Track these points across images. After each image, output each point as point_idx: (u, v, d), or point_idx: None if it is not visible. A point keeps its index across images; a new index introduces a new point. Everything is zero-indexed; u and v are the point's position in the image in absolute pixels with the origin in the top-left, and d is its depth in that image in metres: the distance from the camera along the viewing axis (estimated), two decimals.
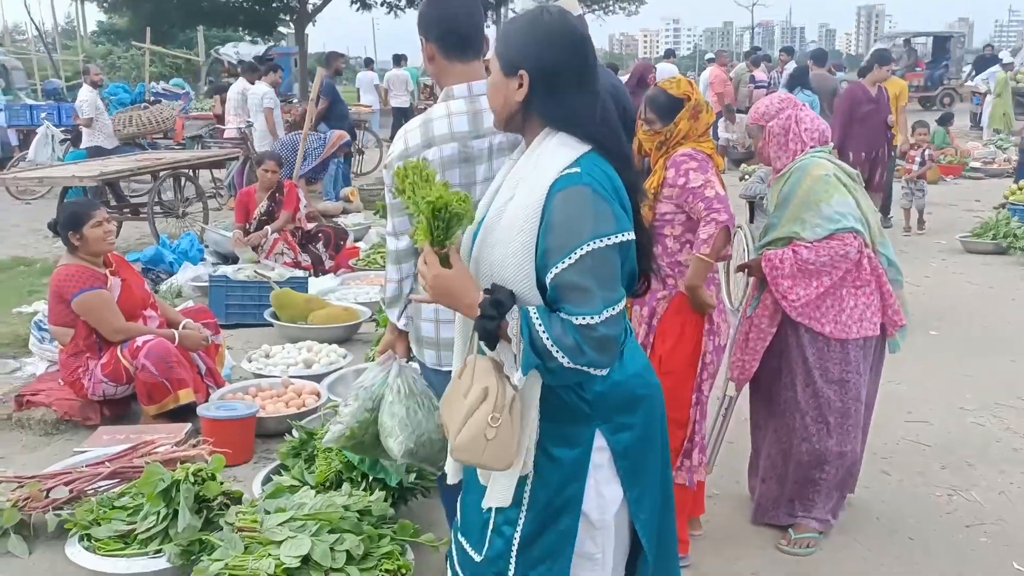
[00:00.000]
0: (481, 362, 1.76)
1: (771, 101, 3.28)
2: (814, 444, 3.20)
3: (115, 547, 2.91)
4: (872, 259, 3.15)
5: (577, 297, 1.65)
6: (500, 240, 1.75)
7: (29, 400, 4.24)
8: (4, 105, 14.56)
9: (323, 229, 7.48)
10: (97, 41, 34.90)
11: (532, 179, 1.74)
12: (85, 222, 4.16)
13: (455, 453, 1.73)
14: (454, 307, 1.79)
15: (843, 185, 3.11)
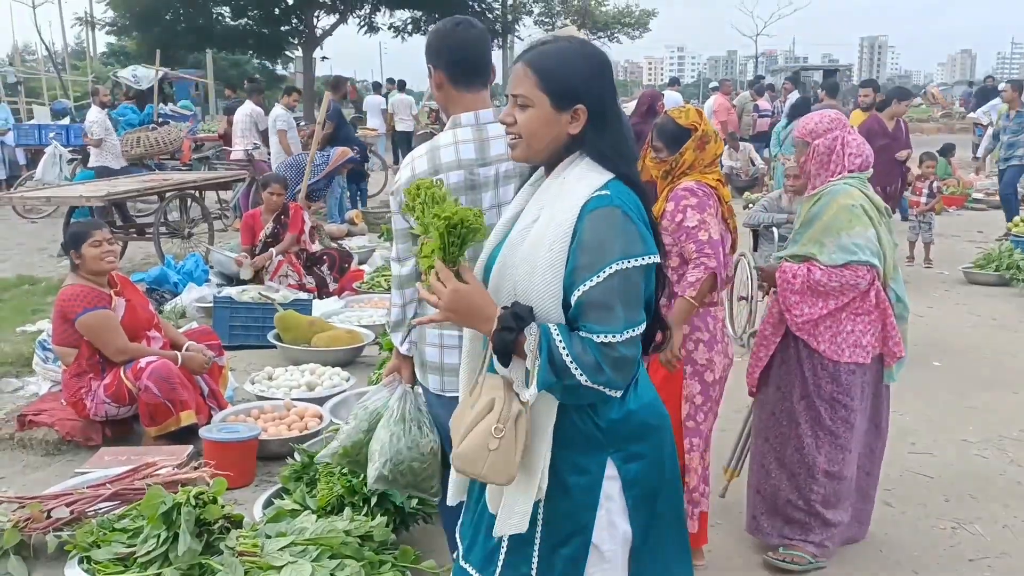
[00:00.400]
0: (491, 379, 1.77)
1: (821, 119, 3.31)
2: (804, 455, 3.24)
3: (115, 570, 2.89)
4: (880, 292, 3.19)
5: (600, 315, 1.67)
6: (525, 258, 1.74)
7: (31, 420, 4.24)
8: (13, 124, 14.65)
9: (328, 252, 7.50)
10: (107, 63, 35.16)
11: (560, 200, 1.76)
12: (84, 241, 4.18)
13: (456, 461, 1.72)
14: (470, 323, 1.75)
15: (868, 217, 3.15)
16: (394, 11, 23.83)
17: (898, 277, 3.30)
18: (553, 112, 1.78)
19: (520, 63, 1.82)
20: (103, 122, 10.53)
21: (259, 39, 24.24)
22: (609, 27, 38.23)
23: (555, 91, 1.77)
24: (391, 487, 2.49)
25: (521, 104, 1.80)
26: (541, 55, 1.81)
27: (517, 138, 1.83)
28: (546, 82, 1.77)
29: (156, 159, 12.57)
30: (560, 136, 1.80)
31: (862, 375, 3.23)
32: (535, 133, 1.80)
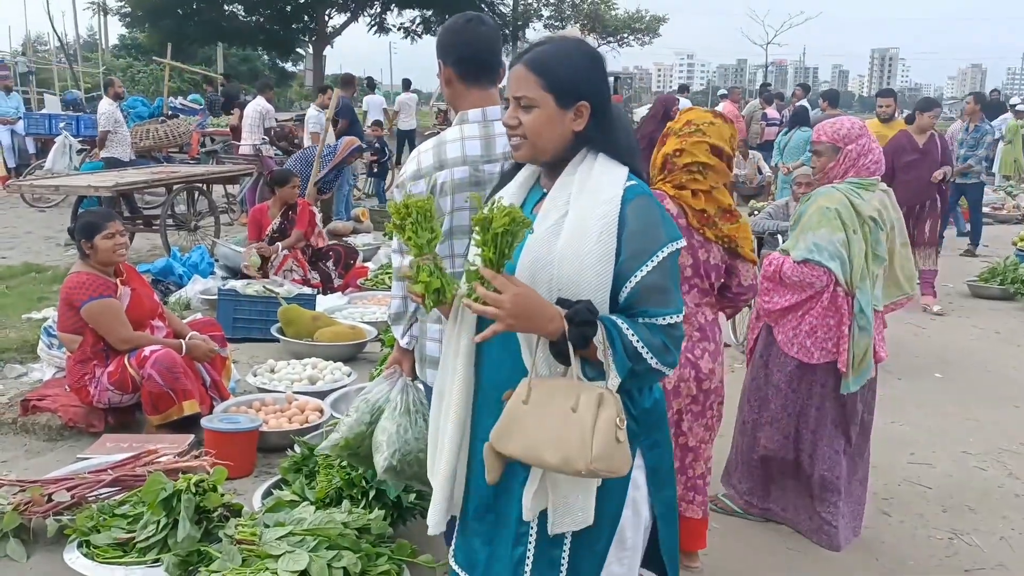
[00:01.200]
0: (554, 380, 1.72)
1: (852, 125, 3.48)
2: (748, 427, 3.62)
3: (114, 555, 2.92)
4: (837, 297, 3.35)
5: (660, 298, 1.74)
6: (568, 253, 1.73)
7: (35, 405, 4.26)
8: (24, 113, 14.70)
9: (333, 247, 7.53)
10: (118, 55, 35.28)
11: (592, 194, 1.77)
12: (98, 232, 4.21)
13: (596, 463, 1.60)
14: (534, 326, 1.69)
15: (841, 221, 3.30)
16: (403, 10, 23.91)
17: (864, 288, 3.36)
18: (558, 111, 1.80)
19: (520, 65, 1.83)
20: (111, 114, 10.56)
21: (270, 36, 24.34)
22: (619, 32, 38.24)
23: (559, 90, 1.79)
24: (398, 478, 2.48)
25: (525, 105, 1.81)
26: (541, 55, 1.83)
27: (522, 139, 1.83)
28: (549, 81, 1.79)
29: (165, 152, 12.62)
30: (565, 134, 1.82)
31: (811, 374, 3.42)
32: (541, 133, 1.81)
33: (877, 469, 4.24)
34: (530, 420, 1.67)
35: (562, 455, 1.62)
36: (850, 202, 3.34)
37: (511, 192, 1.94)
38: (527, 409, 1.68)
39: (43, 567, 3.07)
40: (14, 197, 11.75)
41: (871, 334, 3.37)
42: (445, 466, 1.88)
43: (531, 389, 1.70)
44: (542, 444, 1.65)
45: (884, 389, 5.39)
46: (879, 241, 3.38)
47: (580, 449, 1.61)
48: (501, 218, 1.65)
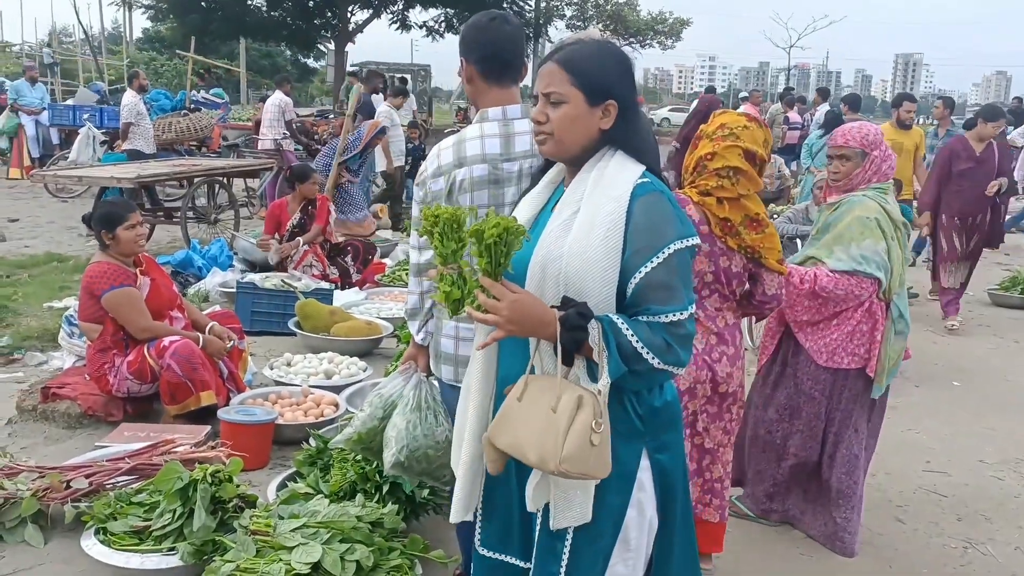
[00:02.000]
0: (546, 379, 1.74)
1: (876, 130, 3.48)
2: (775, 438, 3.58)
3: (130, 542, 2.95)
4: (876, 305, 3.35)
5: (664, 295, 1.73)
6: (575, 250, 1.75)
7: (55, 393, 4.31)
8: (48, 104, 14.85)
9: (351, 242, 7.56)
10: (142, 48, 35.55)
11: (603, 190, 1.79)
12: (119, 223, 4.24)
13: (565, 464, 1.63)
14: (531, 331, 1.72)
15: (881, 230, 3.30)
16: (427, 8, 23.93)
17: (903, 293, 3.42)
18: (587, 108, 1.82)
19: (551, 62, 1.85)
20: (134, 106, 10.66)
21: (292, 31, 24.44)
22: (641, 33, 38.14)
23: (589, 87, 1.82)
24: (406, 474, 2.51)
25: (555, 101, 1.83)
26: (573, 54, 1.85)
27: (548, 135, 1.85)
28: (580, 79, 1.81)
29: (186, 145, 12.71)
30: (592, 131, 1.84)
31: (843, 379, 3.41)
32: (569, 129, 1.83)
33: (892, 476, 4.23)
34: (519, 417, 1.71)
35: (539, 454, 1.66)
36: (884, 209, 3.35)
37: (537, 191, 1.97)
38: (519, 406, 1.72)
39: (60, 553, 3.11)
40: (38, 187, 11.89)
41: (906, 338, 3.42)
42: (467, 456, 1.91)
43: (526, 387, 1.73)
44: (525, 441, 1.69)
45: (901, 397, 5.38)
46: (905, 244, 3.44)
47: (553, 449, 1.64)
48: (491, 229, 1.66)
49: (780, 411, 3.57)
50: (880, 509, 3.89)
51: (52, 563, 3.07)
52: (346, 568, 2.67)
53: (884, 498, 4.01)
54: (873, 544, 3.57)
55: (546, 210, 1.93)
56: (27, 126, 14.09)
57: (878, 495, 4.02)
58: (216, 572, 2.66)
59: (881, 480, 4.19)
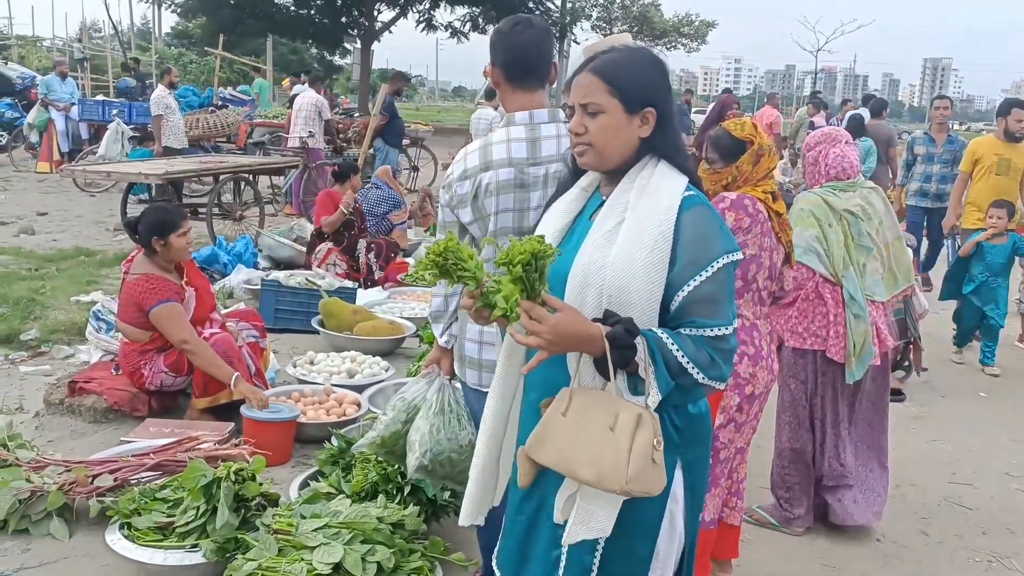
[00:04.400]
0: (593, 394, 1.72)
1: (817, 135, 3.77)
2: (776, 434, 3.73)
3: (153, 538, 2.97)
4: (824, 286, 3.51)
5: (709, 310, 1.72)
6: (621, 262, 1.72)
7: (81, 387, 4.35)
8: (78, 99, 15.01)
9: (375, 241, 7.59)
10: (170, 44, 35.86)
11: (650, 201, 1.77)
12: (173, 231, 4.23)
13: (631, 484, 1.61)
14: (574, 349, 1.70)
15: (815, 218, 3.51)
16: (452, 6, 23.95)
17: (850, 275, 3.50)
18: (625, 117, 1.80)
19: (586, 73, 1.83)
20: (162, 99, 10.76)
21: (319, 29, 24.54)
22: (667, 35, 38.01)
23: (627, 96, 1.79)
24: (429, 477, 2.51)
25: (592, 112, 1.80)
26: (608, 63, 1.82)
27: (587, 146, 1.82)
28: (617, 88, 1.79)
29: (213, 141, 12.81)
30: (632, 140, 1.82)
31: (813, 363, 3.56)
32: (609, 139, 1.81)
33: (917, 488, 4.19)
34: (566, 432, 1.68)
35: (596, 472, 1.63)
36: (824, 201, 3.55)
37: (570, 199, 1.94)
38: (564, 420, 1.69)
39: (85, 547, 3.14)
40: (66, 181, 12.02)
41: (867, 321, 3.48)
42: (479, 459, 1.92)
43: (571, 400, 1.70)
44: (577, 458, 1.66)
45: (926, 408, 5.34)
46: (861, 232, 3.53)
47: (615, 469, 1.62)
48: (521, 256, 1.63)
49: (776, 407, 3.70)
50: (904, 521, 3.85)
51: (77, 557, 3.09)
52: (367, 569, 2.69)
53: (908, 510, 3.97)
54: (897, 556, 3.54)
55: (582, 218, 1.91)
56: (57, 121, 14.25)
57: (902, 507, 3.99)
58: (238, 570, 2.68)
59: (906, 492, 4.15)
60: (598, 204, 1.90)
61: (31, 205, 11.04)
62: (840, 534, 3.68)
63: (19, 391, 4.68)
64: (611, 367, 1.66)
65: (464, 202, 2.42)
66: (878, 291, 3.57)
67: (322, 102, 11.43)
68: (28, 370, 5.03)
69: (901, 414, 5.24)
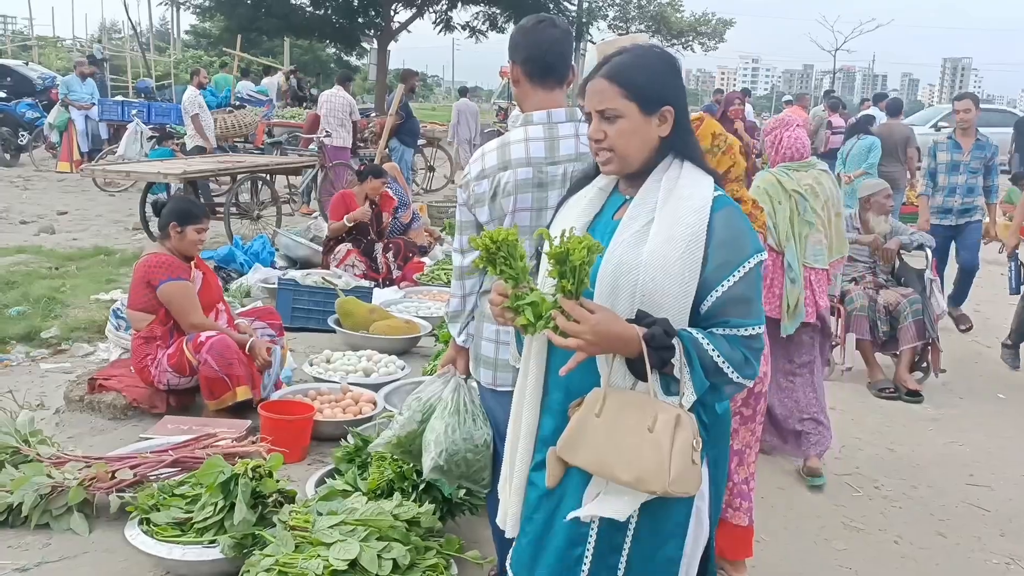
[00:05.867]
0: (632, 394, 1.72)
1: (773, 120, 4.18)
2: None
3: (172, 533, 3.00)
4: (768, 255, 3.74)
5: (742, 309, 1.74)
6: (654, 262, 1.72)
7: (101, 384, 4.39)
8: (98, 99, 15.14)
9: (393, 240, 7.61)
10: (189, 44, 36.07)
11: (679, 201, 1.77)
12: (192, 222, 4.35)
13: (673, 486, 1.62)
14: (611, 350, 1.69)
15: (767, 195, 3.82)
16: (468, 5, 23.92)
17: (791, 246, 3.79)
18: (643, 118, 1.80)
19: (598, 79, 1.83)
20: (194, 98, 10.87)
21: (336, 29, 24.59)
22: (684, 34, 37.87)
23: (642, 97, 1.80)
24: (445, 477, 2.51)
25: (609, 117, 1.80)
26: (619, 66, 1.82)
27: (609, 152, 1.82)
28: (631, 90, 1.79)
29: (231, 141, 12.89)
30: (652, 141, 1.82)
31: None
32: (629, 143, 1.81)
33: (934, 489, 4.17)
34: (602, 434, 1.68)
35: (636, 474, 1.64)
36: (777, 180, 3.87)
37: (589, 199, 1.93)
38: (599, 422, 1.68)
39: (104, 542, 3.17)
40: (86, 181, 12.12)
41: (801, 286, 3.78)
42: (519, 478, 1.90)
43: (605, 402, 1.69)
44: (614, 460, 1.66)
45: (944, 409, 5.31)
46: (807, 209, 3.84)
47: (656, 471, 1.62)
48: (580, 251, 1.61)
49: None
50: (922, 523, 3.83)
51: (96, 552, 3.13)
52: (383, 566, 2.70)
53: (926, 511, 3.95)
54: (914, 558, 3.52)
55: (602, 218, 1.90)
56: (77, 121, 14.38)
57: (920, 508, 3.97)
58: (255, 566, 2.70)
59: (923, 493, 4.13)
60: (620, 203, 1.89)
61: (51, 204, 11.15)
62: (856, 536, 3.67)
63: (40, 388, 4.73)
64: (648, 368, 1.66)
65: (482, 201, 2.42)
66: (820, 260, 3.86)
67: (352, 103, 11.49)
68: (49, 367, 5.09)
69: (918, 415, 5.22)
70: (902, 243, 5.88)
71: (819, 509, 3.90)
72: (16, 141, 15.21)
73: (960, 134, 7.08)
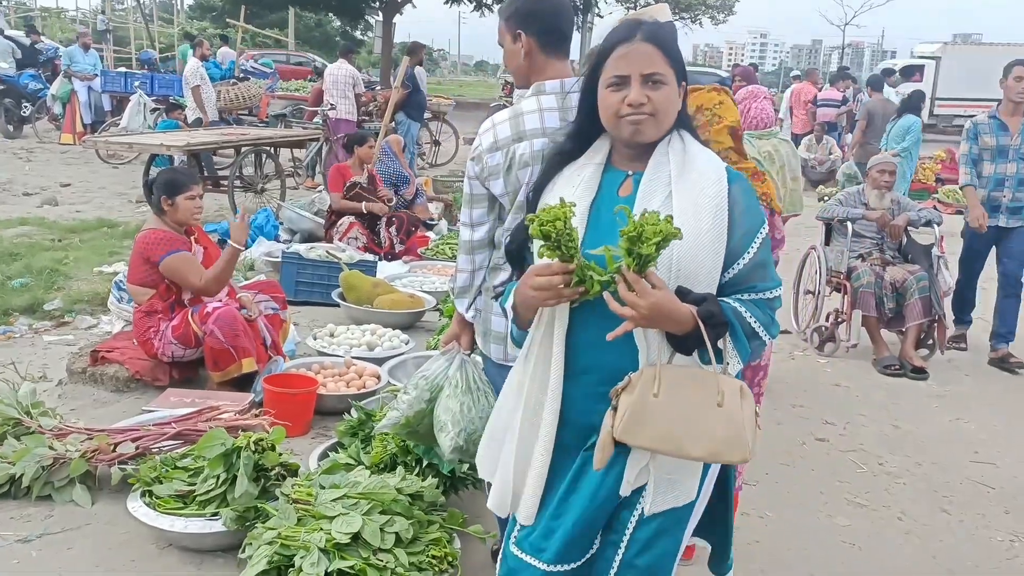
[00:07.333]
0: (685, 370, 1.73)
1: (744, 91, 4.41)
2: None
3: (174, 506, 2.99)
4: None
5: (763, 273, 1.81)
6: (687, 234, 1.70)
7: (104, 356, 4.38)
8: (101, 70, 15.06)
9: (396, 214, 7.59)
10: (192, 16, 35.85)
11: (696, 174, 1.79)
12: (181, 191, 4.30)
13: (752, 454, 1.70)
14: (661, 327, 1.70)
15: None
16: None
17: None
18: (677, 89, 1.83)
19: (644, 42, 1.79)
20: (196, 69, 10.82)
21: (341, 2, 24.43)
22: (692, 8, 37.53)
23: (678, 67, 1.82)
24: (464, 456, 2.45)
25: (656, 81, 1.78)
26: (659, 33, 1.82)
27: (649, 116, 1.78)
28: (673, 60, 1.81)
29: (235, 114, 12.82)
30: (676, 112, 1.84)
31: None
32: (669, 110, 1.81)
33: (938, 466, 4.16)
34: (666, 412, 1.68)
35: (710, 448, 1.68)
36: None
37: (587, 176, 1.87)
38: (659, 401, 1.68)
39: (107, 514, 3.17)
40: (89, 153, 12.09)
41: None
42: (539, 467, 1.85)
43: (659, 381, 1.69)
44: (684, 437, 1.68)
45: (950, 386, 5.29)
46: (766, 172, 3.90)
47: (736, 443, 1.68)
48: (653, 237, 1.61)
49: None
50: (926, 499, 3.82)
51: (99, 523, 3.13)
52: (385, 539, 2.69)
53: (930, 488, 3.94)
54: (917, 535, 3.52)
55: (603, 195, 1.85)
56: (80, 92, 14.32)
57: (924, 485, 3.96)
58: (258, 539, 2.69)
59: (927, 470, 4.12)
60: (622, 179, 1.86)
61: (54, 176, 11.12)
62: (860, 512, 3.66)
63: (43, 360, 4.73)
64: (709, 346, 1.69)
65: (496, 174, 2.35)
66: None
67: (356, 75, 11.41)
68: (51, 339, 5.09)
69: (924, 392, 5.20)
70: (910, 219, 5.82)
71: (823, 485, 3.89)
72: (19, 113, 15.15)
73: (1007, 111, 5.71)
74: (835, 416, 4.71)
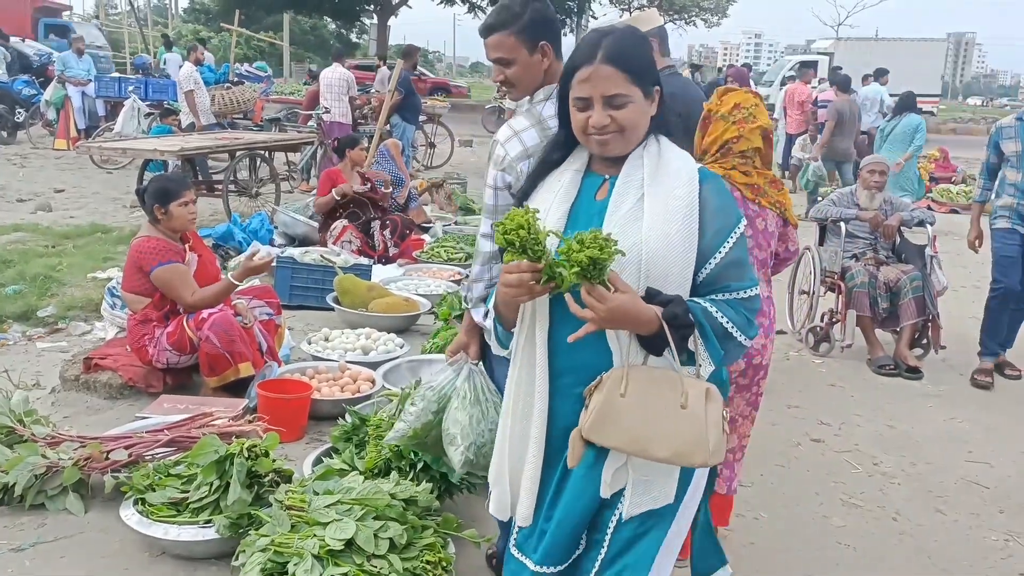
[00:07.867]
0: (653, 371, 1.73)
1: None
2: None
3: (167, 513, 2.99)
4: None
5: (738, 273, 1.80)
6: (656, 236, 1.74)
7: (97, 363, 4.37)
8: (95, 75, 15.03)
9: (391, 217, 7.58)
10: (187, 20, 35.84)
11: (668, 176, 1.80)
12: (173, 199, 4.27)
13: (714, 458, 1.69)
14: (626, 327, 1.72)
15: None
16: None
17: None
18: (645, 102, 1.82)
19: (601, 64, 1.78)
20: (190, 74, 10.80)
21: (337, 5, 24.44)
22: (686, 10, 37.57)
23: (642, 81, 1.81)
24: (475, 469, 2.45)
25: (619, 104, 1.78)
26: (617, 48, 1.79)
27: (616, 134, 1.80)
28: (634, 75, 1.79)
29: (229, 118, 12.81)
30: (647, 122, 1.85)
31: None
32: (636, 126, 1.82)
33: (932, 466, 4.16)
34: (632, 413, 1.69)
35: (673, 450, 1.69)
36: None
37: (567, 181, 1.89)
38: (626, 402, 1.70)
39: (99, 522, 3.16)
40: (83, 158, 12.07)
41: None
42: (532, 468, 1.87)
43: (627, 381, 1.70)
44: (649, 438, 1.69)
45: (944, 386, 5.29)
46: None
47: (696, 445, 1.68)
48: (577, 255, 1.62)
49: None
50: (920, 499, 3.83)
51: (92, 531, 3.12)
52: (379, 545, 2.68)
53: (924, 488, 3.94)
54: (912, 535, 3.52)
55: (582, 199, 1.87)
56: (73, 97, 14.29)
57: (918, 485, 3.96)
58: (251, 546, 2.69)
59: (921, 470, 4.12)
60: (599, 183, 1.87)
61: (48, 182, 11.10)
62: (855, 513, 3.66)
63: (36, 367, 4.72)
64: (673, 348, 1.69)
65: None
66: None
67: (350, 78, 11.41)
68: (45, 346, 5.07)
69: (918, 392, 5.20)
70: (903, 219, 5.84)
71: (818, 486, 3.89)
72: (13, 118, 15.12)
73: None
74: (830, 416, 4.71)
